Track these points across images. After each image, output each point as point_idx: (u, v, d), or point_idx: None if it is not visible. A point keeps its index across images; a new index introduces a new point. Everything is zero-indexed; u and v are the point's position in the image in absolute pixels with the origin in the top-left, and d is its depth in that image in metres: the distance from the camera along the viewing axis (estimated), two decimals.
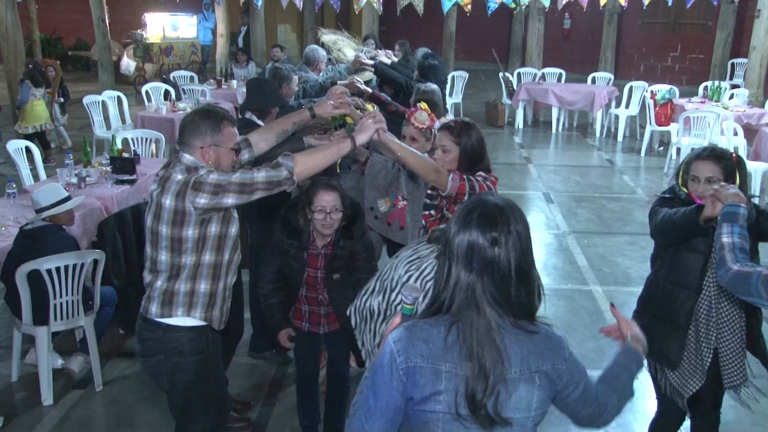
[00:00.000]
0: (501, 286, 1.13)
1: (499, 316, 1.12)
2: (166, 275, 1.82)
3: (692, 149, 2.09)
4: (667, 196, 2.03)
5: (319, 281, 2.21)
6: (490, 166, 2.13)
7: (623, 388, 1.30)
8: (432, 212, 2.07)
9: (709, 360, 1.95)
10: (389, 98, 3.54)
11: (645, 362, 1.47)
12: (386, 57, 4.21)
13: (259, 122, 2.90)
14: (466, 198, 1.92)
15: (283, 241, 2.18)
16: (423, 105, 2.35)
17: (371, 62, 3.97)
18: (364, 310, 1.71)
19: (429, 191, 2.12)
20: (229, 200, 1.73)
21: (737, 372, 1.95)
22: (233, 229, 1.86)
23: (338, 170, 2.48)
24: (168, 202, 1.74)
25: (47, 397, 2.72)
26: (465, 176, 1.98)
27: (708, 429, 2.11)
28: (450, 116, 2.30)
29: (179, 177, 1.74)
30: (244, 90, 7.28)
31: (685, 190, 1.99)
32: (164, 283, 1.83)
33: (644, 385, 2.97)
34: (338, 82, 3.89)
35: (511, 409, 1.12)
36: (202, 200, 1.71)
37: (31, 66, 6.21)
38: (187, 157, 1.77)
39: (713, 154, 1.93)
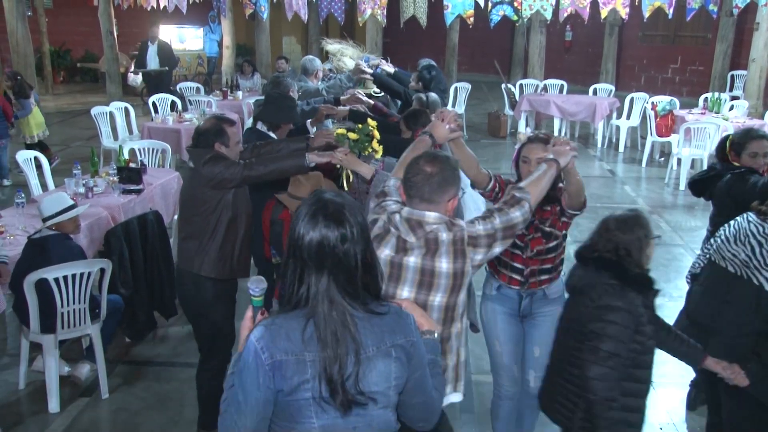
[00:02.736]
0: (350, 278, 1.19)
1: (351, 306, 1.19)
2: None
3: (738, 130, 2.83)
4: (742, 170, 2.61)
5: None
6: None
7: (437, 382, 1.37)
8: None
9: None
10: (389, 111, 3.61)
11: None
12: (388, 66, 4.31)
13: (270, 134, 2.96)
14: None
15: (639, 310, 1.74)
16: None
17: (370, 71, 4.04)
18: None
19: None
20: (497, 249, 1.59)
21: None
22: None
23: (345, 188, 2.45)
24: (445, 265, 1.55)
25: (54, 405, 2.75)
26: None
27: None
28: (529, 131, 2.33)
29: (445, 236, 1.55)
30: (250, 101, 7.33)
31: (737, 164, 2.63)
32: None
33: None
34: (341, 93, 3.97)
35: (373, 384, 1.20)
36: (479, 255, 1.57)
37: (18, 77, 6.19)
38: (433, 215, 1.58)
39: (762, 133, 2.65)
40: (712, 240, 2.35)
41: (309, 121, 3.32)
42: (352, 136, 2.35)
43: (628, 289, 1.76)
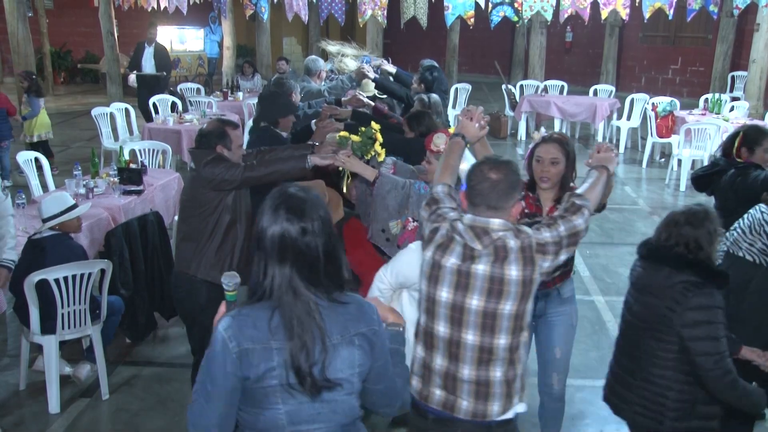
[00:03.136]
0: (313, 270, 1.24)
1: (314, 295, 1.24)
2: (506, 362, 1.56)
3: (749, 127, 2.85)
4: (744, 165, 2.66)
5: None
6: None
7: (400, 371, 1.41)
8: None
9: None
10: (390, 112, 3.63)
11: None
12: (389, 66, 4.33)
13: (276, 130, 2.97)
14: None
15: (722, 304, 1.79)
16: (452, 130, 2.35)
17: (373, 75, 4.06)
18: None
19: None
20: (563, 256, 1.57)
21: None
22: None
23: (344, 190, 2.45)
24: (515, 273, 1.50)
25: (54, 406, 2.75)
26: None
27: None
28: (541, 133, 2.32)
29: (513, 243, 1.51)
30: (251, 102, 7.29)
31: (740, 160, 2.68)
32: (503, 374, 1.57)
33: None
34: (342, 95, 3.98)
35: (337, 371, 1.25)
36: (547, 263, 1.54)
37: (34, 77, 6.28)
38: (498, 222, 1.54)
39: None
40: (728, 234, 2.39)
41: (313, 121, 3.34)
42: (355, 138, 2.34)
43: (710, 285, 1.74)
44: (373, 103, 3.72)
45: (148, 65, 7.51)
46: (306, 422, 1.25)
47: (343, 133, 2.42)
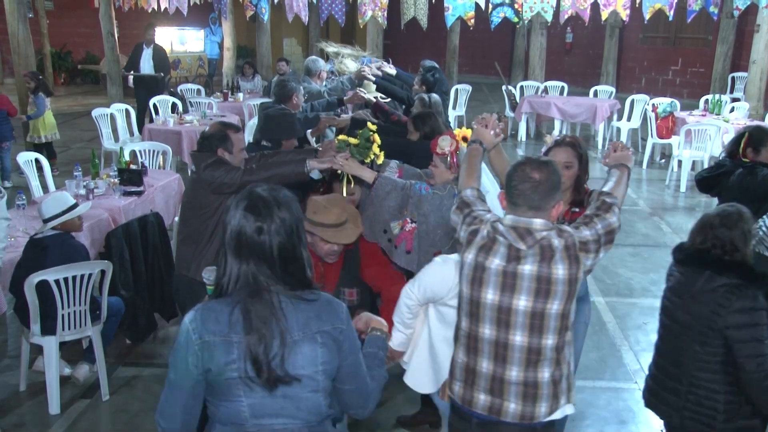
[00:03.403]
0: (270, 268, 1.26)
1: (275, 292, 1.26)
2: (553, 362, 1.56)
3: (752, 128, 2.90)
4: (751, 164, 2.71)
5: None
6: None
7: (376, 374, 1.42)
8: None
9: None
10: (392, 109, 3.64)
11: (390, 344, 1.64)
12: (390, 68, 4.33)
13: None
14: None
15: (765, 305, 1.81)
16: (460, 131, 2.31)
17: (373, 78, 4.07)
18: None
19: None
20: (602, 254, 1.58)
21: None
22: None
23: (345, 194, 2.45)
24: (561, 272, 1.50)
25: (54, 407, 2.75)
26: None
27: None
28: (553, 137, 2.31)
29: (557, 242, 1.51)
30: (251, 103, 7.26)
31: (746, 160, 2.73)
32: (551, 375, 1.56)
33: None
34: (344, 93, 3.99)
35: (298, 367, 1.26)
36: (589, 261, 1.54)
37: (40, 77, 6.32)
38: (540, 222, 1.53)
39: None
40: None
41: (309, 131, 3.32)
42: (353, 141, 2.34)
43: (752, 286, 1.74)
44: (374, 100, 3.72)
45: (147, 66, 7.48)
46: (269, 416, 1.27)
47: (341, 137, 2.42)
